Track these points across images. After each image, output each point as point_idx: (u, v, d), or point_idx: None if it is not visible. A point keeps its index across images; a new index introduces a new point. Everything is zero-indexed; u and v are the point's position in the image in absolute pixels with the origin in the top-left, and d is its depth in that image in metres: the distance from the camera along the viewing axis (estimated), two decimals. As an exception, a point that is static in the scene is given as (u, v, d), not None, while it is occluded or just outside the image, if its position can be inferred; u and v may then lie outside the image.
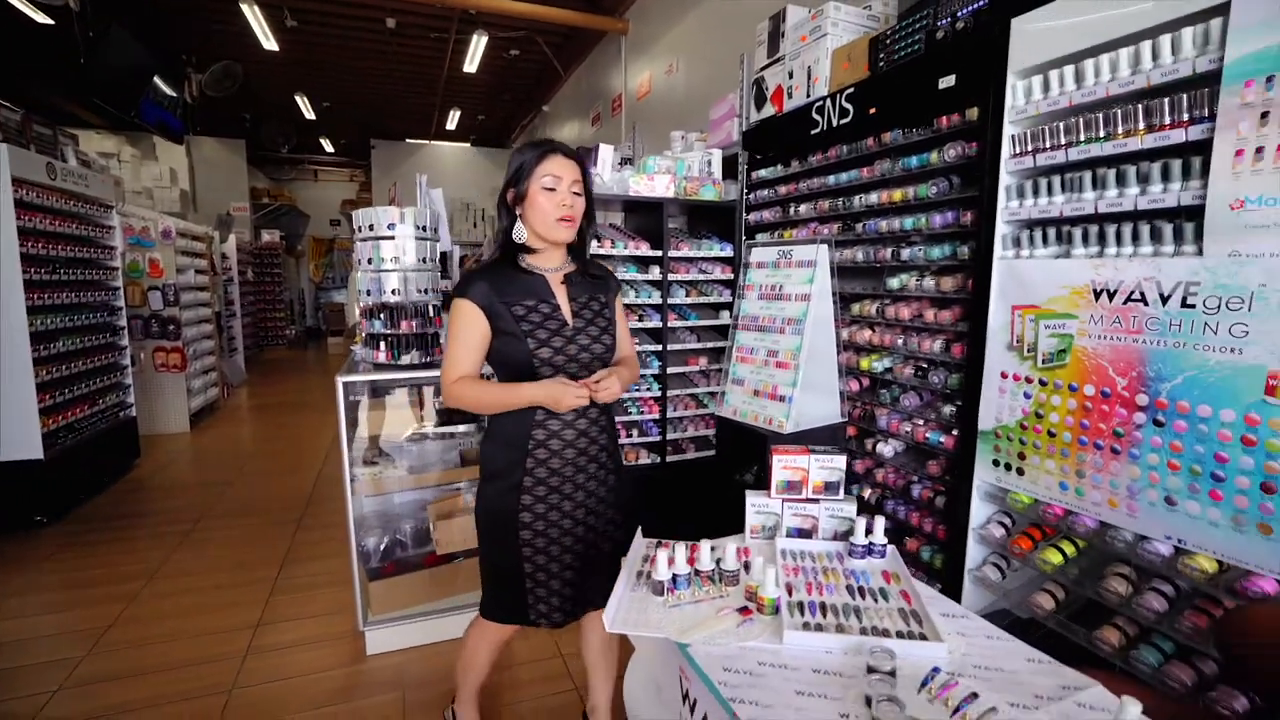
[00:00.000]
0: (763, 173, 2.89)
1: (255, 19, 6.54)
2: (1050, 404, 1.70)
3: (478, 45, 7.38)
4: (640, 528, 1.48)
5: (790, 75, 2.65)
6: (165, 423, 5.50)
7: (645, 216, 3.21)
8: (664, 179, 2.97)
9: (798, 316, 2.13)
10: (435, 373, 2.43)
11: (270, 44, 7.12)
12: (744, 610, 1.11)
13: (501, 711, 2.04)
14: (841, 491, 1.35)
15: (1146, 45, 1.45)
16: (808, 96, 2.57)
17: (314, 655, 2.34)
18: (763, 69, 2.86)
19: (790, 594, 1.14)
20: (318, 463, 4.71)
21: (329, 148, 13.34)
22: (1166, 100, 1.42)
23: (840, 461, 1.33)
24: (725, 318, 3.23)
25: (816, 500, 1.34)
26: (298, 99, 9.83)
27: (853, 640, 1.03)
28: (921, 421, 2.19)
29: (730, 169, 3.12)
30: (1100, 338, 1.56)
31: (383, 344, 2.34)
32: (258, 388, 8.02)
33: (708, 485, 1.42)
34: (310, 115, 10.56)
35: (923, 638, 1.04)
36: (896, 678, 0.93)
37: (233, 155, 11.47)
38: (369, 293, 2.37)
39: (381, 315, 2.34)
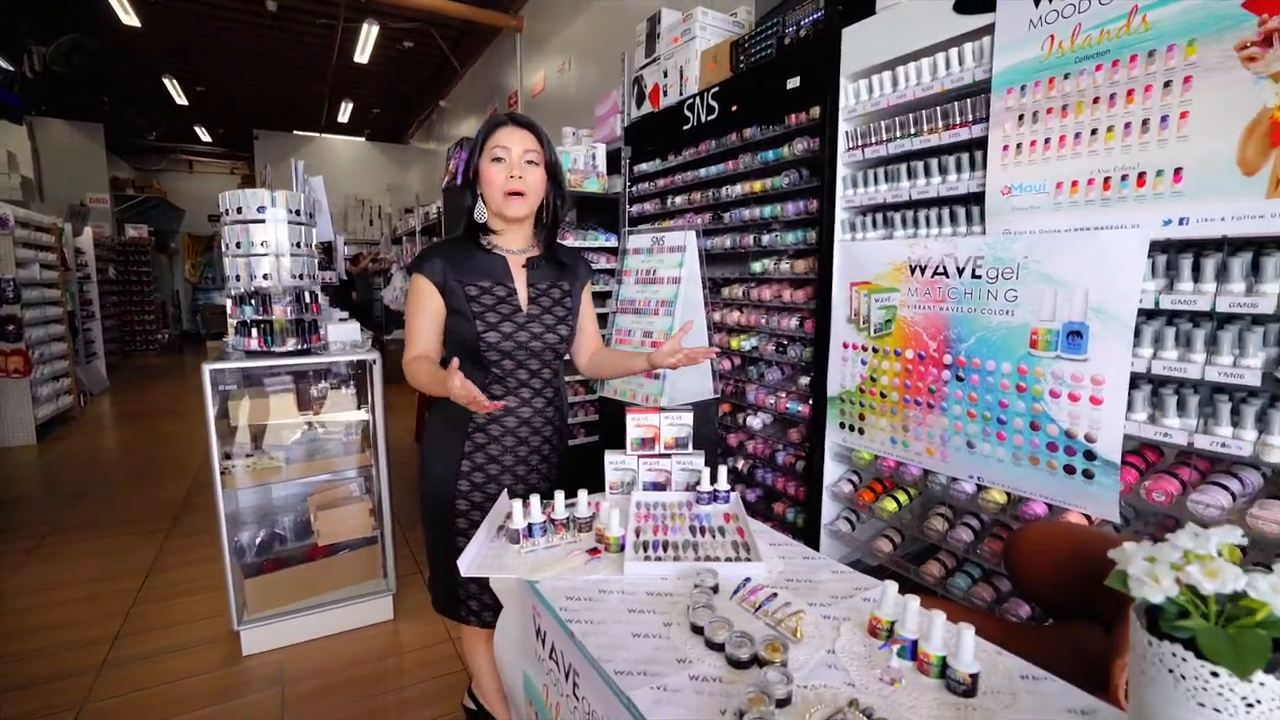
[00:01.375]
0: (644, 166, 3.04)
1: (110, -10, 6.00)
2: (881, 368, 1.93)
3: (368, 35, 7.14)
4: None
5: (665, 74, 2.81)
6: (5, 434, 4.92)
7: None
8: (550, 170, 3.04)
9: (670, 298, 2.27)
10: (314, 359, 2.37)
11: (130, 18, 6.53)
12: (593, 551, 1.21)
13: (387, 696, 2.04)
14: (690, 446, 1.48)
15: (941, 56, 1.69)
16: (681, 94, 2.73)
17: (183, 661, 2.22)
18: (642, 68, 3.00)
19: (638, 536, 1.25)
20: (192, 470, 4.39)
21: (205, 137, 12.33)
22: (956, 104, 1.67)
23: (688, 418, 1.47)
24: (610, 306, 3.34)
25: (669, 455, 1.46)
26: (166, 82, 9.03)
27: (686, 566, 1.15)
28: (784, 394, 2.39)
29: (615, 163, 3.24)
30: (916, 307, 1.80)
31: (255, 331, 2.26)
32: (122, 395, 7.31)
33: (595, 465, 1.49)
34: (182, 100, 9.74)
35: (748, 561, 1.18)
36: (718, 592, 1.07)
37: (89, 141, 10.36)
38: (238, 278, 2.29)
39: (253, 301, 2.26)
